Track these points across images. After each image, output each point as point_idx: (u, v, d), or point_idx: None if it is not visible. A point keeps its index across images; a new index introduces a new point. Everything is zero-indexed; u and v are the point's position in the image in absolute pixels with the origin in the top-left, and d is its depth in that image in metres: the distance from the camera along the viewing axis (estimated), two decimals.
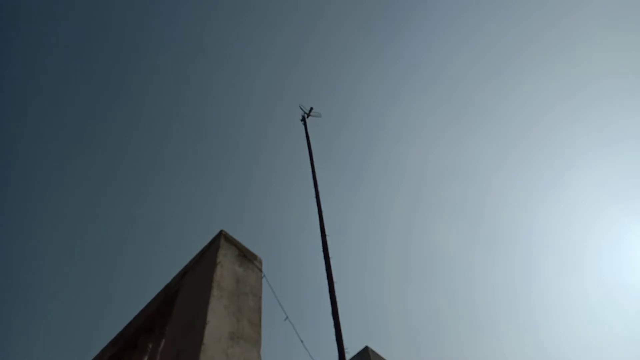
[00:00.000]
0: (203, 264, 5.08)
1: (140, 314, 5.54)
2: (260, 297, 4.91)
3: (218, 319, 4.09)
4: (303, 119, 13.55)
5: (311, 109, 13.67)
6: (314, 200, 10.53)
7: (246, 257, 5.27)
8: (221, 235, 5.28)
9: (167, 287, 5.42)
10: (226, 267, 4.83)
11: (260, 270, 5.35)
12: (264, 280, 5.34)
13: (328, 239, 9.39)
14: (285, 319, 5.39)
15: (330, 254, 8.94)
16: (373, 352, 5.59)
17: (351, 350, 6.36)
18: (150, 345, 4.98)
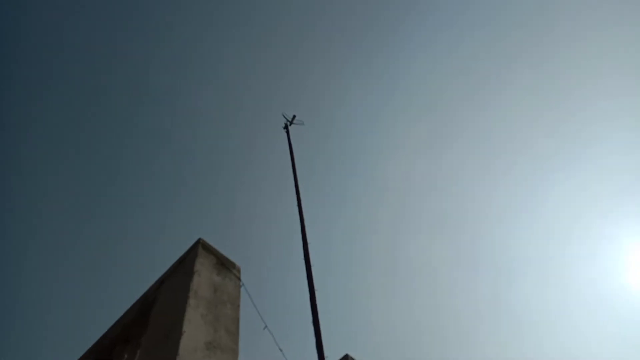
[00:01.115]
0: (180, 272, 5.02)
1: (116, 324, 5.43)
2: (239, 306, 4.87)
3: (194, 329, 4.03)
4: (286, 127, 13.56)
5: (294, 116, 13.68)
6: (296, 208, 10.53)
7: (224, 265, 5.23)
8: (199, 244, 5.23)
9: (144, 297, 5.33)
10: (204, 276, 4.78)
11: (239, 278, 5.31)
12: (242, 289, 5.30)
13: (309, 247, 9.38)
14: (264, 328, 5.35)
15: (312, 262, 8.93)
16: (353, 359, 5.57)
17: (331, 358, 6.32)
18: (126, 357, 4.88)
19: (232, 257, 5.63)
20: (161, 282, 5.25)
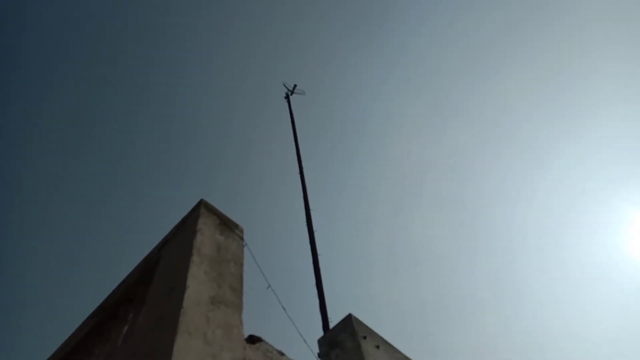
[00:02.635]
0: (183, 232, 5.01)
1: (120, 285, 5.47)
2: (242, 265, 4.87)
3: (198, 284, 4.04)
4: (287, 97, 13.42)
5: (295, 86, 13.52)
6: (298, 176, 10.49)
7: (227, 225, 5.21)
8: (201, 204, 5.21)
9: (147, 258, 5.34)
10: (207, 235, 4.77)
11: (242, 239, 5.30)
12: (246, 249, 5.30)
13: (312, 213, 9.39)
14: (267, 287, 5.37)
15: (315, 228, 8.96)
16: (356, 319, 5.60)
17: (335, 320, 6.38)
18: (131, 315, 4.92)
19: (235, 219, 5.61)
20: (164, 242, 5.25)
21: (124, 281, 5.45)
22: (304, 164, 10.52)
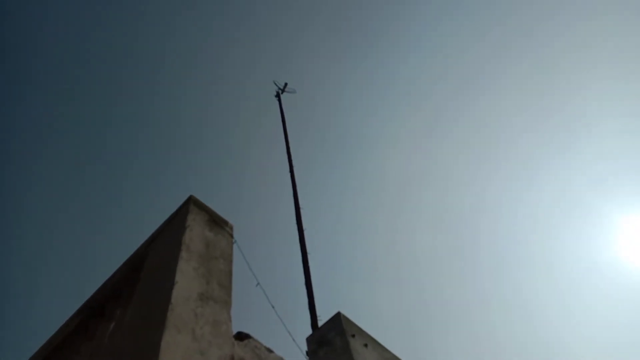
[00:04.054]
0: (171, 228, 4.97)
1: (107, 282, 5.40)
2: (231, 262, 4.84)
3: (187, 280, 4.00)
4: (277, 95, 13.38)
5: (285, 84, 13.48)
6: (289, 175, 10.47)
7: (216, 222, 5.18)
8: (190, 201, 5.16)
9: (135, 254, 5.29)
10: (195, 231, 4.73)
11: (232, 236, 5.27)
12: (235, 246, 5.26)
13: (302, 212, 9.37)
14: (256, 285, 5.34)
15: (305, 227, 8.94)
16: (345, 317, 5.59)
17: (324, 318, 6.36)
18: (118, 312, 4.86)
19: (224, 217, 5.58)
20: (152, 238, 5.20)
21: (111, 278, 5.39)
22: (294, 162, 10.51)
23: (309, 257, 8.10)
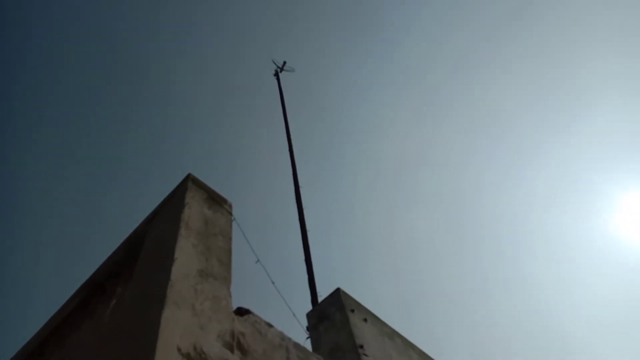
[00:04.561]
0: (170, 206, 4.96)
1: (108, 260, 5.42)
2: (230, 239, 4.85)
3: (186, 257, 4.01)
4: (276, 74, 13.26)
5: (284, 63, 13.34)
6: (288, 154, 10.44)
7: (215, 200, 5.17)
8: (188, 179, 5.14)
9: (135, 232, 5.29)
10: (194, 209, 4.72)
11: (231, 214, 5.27)
12: (234, 225, 5.26)
13: (302, 191, 9.39)
14: (256, 262, 5.37)
15: (304, 205, 8.98)
16: (344, 293, 5.65)
17: (324, 294, 6.42)
18: (119, 289, 4.89)
19: (223, 195, 5.56)
20: (151, 216, 5.20)
21: (111, 256, 5.41)
22: (293, 141, 10.47)
23: (309, 235, 8.17)
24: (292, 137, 10.81)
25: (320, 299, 6.54)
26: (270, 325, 4.17)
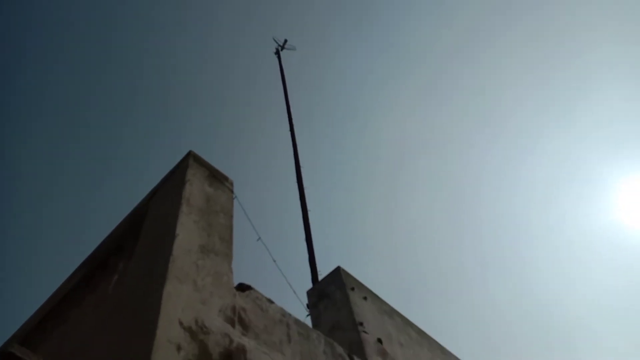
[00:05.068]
0: (171, 183, 4.95)
1: (109, 236, 5.44)
2: (232, 216, 4.85)
3: (187, 233, 4.02)
4: (277, 52, 13.11)
5: (285, 41, 13.19)
6: (289, 133, 10.38)
7: (216, 177, 5.16)
8: (190, 156, 5.12)
9: (136, 209, 5.30)
10: (195, 186, 4.71)
11: (232, 191, 5.26)
12: (235, 201, 5.26)
13: (303, 170, 9.37)
14: (257, 240, 5.39)
15: (305, 185, 8.97)
16: (344, 271, 5.68)
17: (324, 272, 6.46)
18: (121, 265, 4.91)
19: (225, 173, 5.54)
20: (152, 193, 5.20)
21: (113, 232, 5.42)
22: (294, 121, 10.40)
23: (310, 213, 8.18)
24: (292, 116, 10.75)
25: (320, 278, 6.58)
26: (271, 302, 4.20)
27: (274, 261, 5.43)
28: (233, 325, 3.59)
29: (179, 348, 2.99)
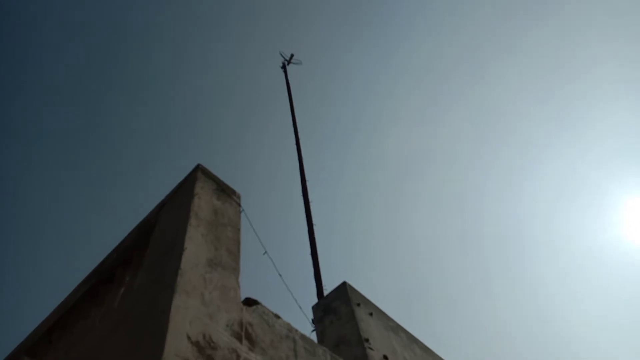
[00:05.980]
0: (180, 196, 4.98)
1: (116, 248, 5.46)
2: (239, 230, 4.87)
3: (196, 246, 4.03)
4: (283, 66, 13.24)
5: (292, 55, 13.33)
6: (295, 147, 10.44)
7: (224, 191, 5.19)
8: (198, 169, 5.16)
9: (144, 221, 5.32)
10: (204, 199, 4.74)
11: (239, 205, 5.29)
12: (243, 215, 5.29)
13: (308, 184, 9.40)
14: (264, 254, 5.40)
15: (310, 199, 8.99)
16: (350, 287, 5.66)
17: (329, 287, 6.44)
18: (128, 278, 4.92)
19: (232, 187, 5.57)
20: (161, 206, 5.23)
21: (120, 244, 5.44)
22: (300, 134, 10.47)
23: (315, 228, 8.19)
24: (298, 129, 10.81)
25: (325, 293, 6.56)
26: (277, 317, 4.19)
27: (280, 275, 5.43)
28: (240, 341, 3.58)
29: None
